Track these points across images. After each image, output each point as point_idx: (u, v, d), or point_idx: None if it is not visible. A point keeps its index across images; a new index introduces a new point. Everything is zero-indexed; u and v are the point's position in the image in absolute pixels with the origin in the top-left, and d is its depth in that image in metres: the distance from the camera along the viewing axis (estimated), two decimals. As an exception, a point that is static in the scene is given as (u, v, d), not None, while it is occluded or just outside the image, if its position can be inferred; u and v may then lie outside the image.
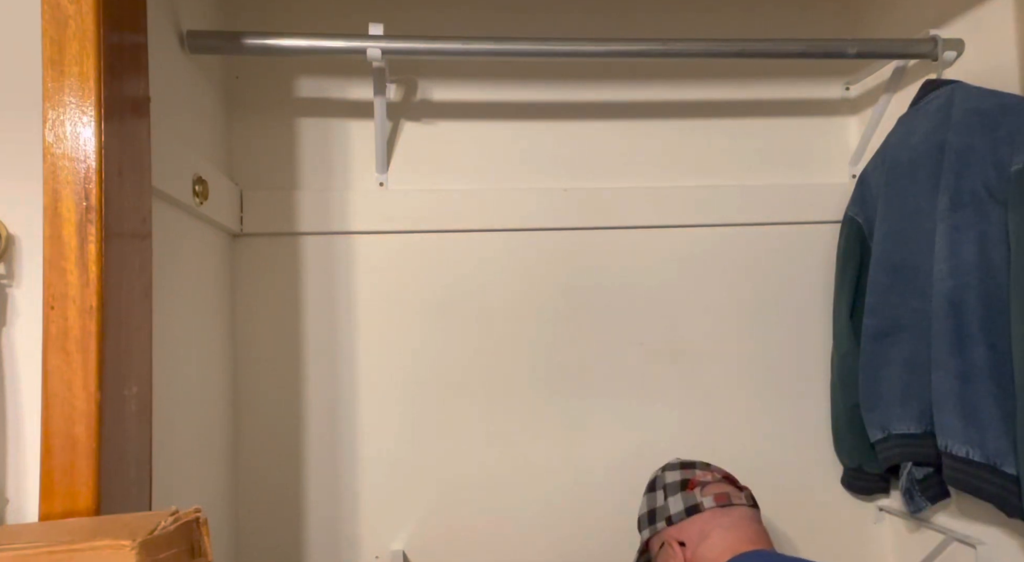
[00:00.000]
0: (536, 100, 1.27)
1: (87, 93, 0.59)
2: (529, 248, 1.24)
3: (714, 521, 0.91)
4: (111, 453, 0.59)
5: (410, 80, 1.24)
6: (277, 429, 1.17)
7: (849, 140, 1.35)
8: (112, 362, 0.60)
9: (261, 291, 1.18)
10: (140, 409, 0.66)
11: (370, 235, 1.21)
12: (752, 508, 0.95)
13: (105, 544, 0.46)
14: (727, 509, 0.92)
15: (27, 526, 0.56)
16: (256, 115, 1.20)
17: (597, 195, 1.25)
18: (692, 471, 0.98)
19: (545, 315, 1.24)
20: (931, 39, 1.09)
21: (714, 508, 0.92)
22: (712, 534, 0.90)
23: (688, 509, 0.93)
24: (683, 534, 0.93)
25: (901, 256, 1.06)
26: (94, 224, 0.58)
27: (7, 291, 0.61)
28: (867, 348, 1.11)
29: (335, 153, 1.21)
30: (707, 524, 0.91)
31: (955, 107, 1.00)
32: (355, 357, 1.20)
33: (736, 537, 0.89)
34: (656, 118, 1.30)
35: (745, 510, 0.93)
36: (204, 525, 0.53)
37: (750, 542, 0.89)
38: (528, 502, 1.22)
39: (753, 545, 0.89)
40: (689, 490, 0.94)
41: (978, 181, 0.95)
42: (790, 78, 1.34)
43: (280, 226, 1.17)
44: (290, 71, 1.21)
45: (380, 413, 1.20)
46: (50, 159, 0.59)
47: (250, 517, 1.16)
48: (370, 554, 1.18)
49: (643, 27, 1.29)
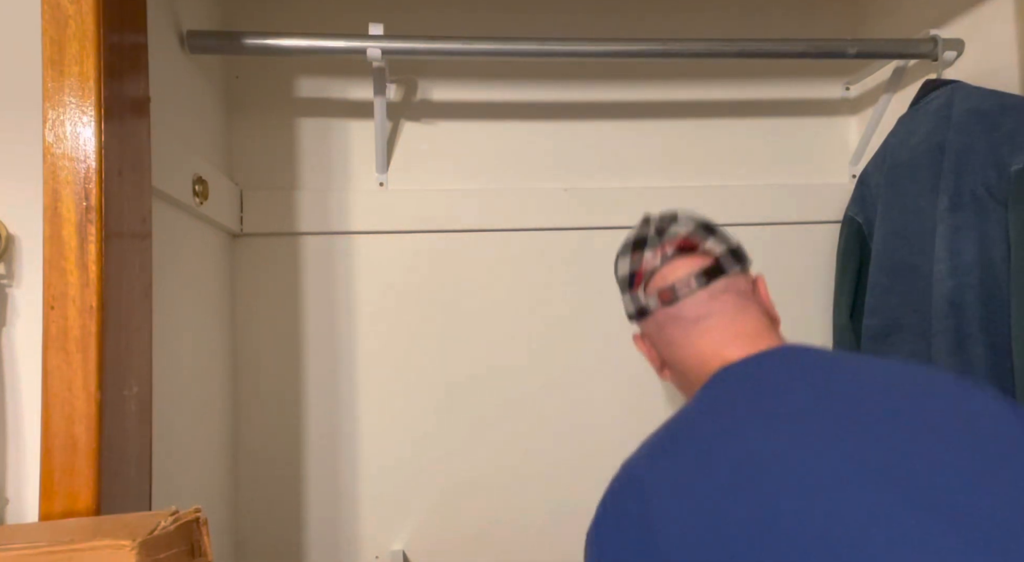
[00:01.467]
0: (536, 100, 1.27)
1: (87, 93, 0.59)
2: (529, 248, 1.24)
3: (671, 327, 0.71)
4: (111, 453, 0.59)
5: (410, 80, 1.24)
6: (277, 429, 1.17)
7: (849, 140, 1.35)
8: (112, 362, 0.60)
9: (261, 291, 1.18)
10: (140, 409, 0.66)
11: (370, 235, 1.21)
12: (723, 279, 0.69)
13: (105, 544, 0.46)
14: (680, 306, 0.69)
15: (27, 526, 0.56)
16: (256, 115, 1.20)
17: (597, 195, 1.25)
18: (640, 254, 0.73)
19: (545, 315, 1.24)
20: (931, 39, 1.09)
21: (662, 309, 0.70)
22: (675, 343, 0.71)
23: (638, 312, 0.74)
24: (647, 335, 0.76)
25: (901, 256, 1.06)
26: (94, 224, 0.58)
27: (7, 291, 0.61)
28: (867, 348, 1.11)
29: (335, 153, 1.21)
30: (664, 329, 0.71)
31: (955, 107, 1.00)
32: (355, 357, 1.20)
33: (708, 345, 0.68)
34: (656, 118, 1.30)
35: (706, 296, 0.68)
36: (204, 525, 0.53)
37: (732, 344, 0.67)
38: (529, 502, 1.22)
39: (737, 346, 0.67)
40: (634, 289, 0.73)
41: (978, 181, 0.95)
42: (790, 78, 1.34)
43: (280, 226, 1.17)
44: (290, 71, 1.21)
45: (380, 413, 1.20)
46: (50, 159, 0.59)
47: (250, 517, 1.16)
48: (370, 554, 1.18)
49: (643, 27, 1.29)
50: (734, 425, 0.57)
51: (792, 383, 0.59)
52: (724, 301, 0.69)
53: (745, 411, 0.58)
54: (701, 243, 0.72)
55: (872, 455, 0.50)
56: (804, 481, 0.49)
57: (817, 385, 0.58)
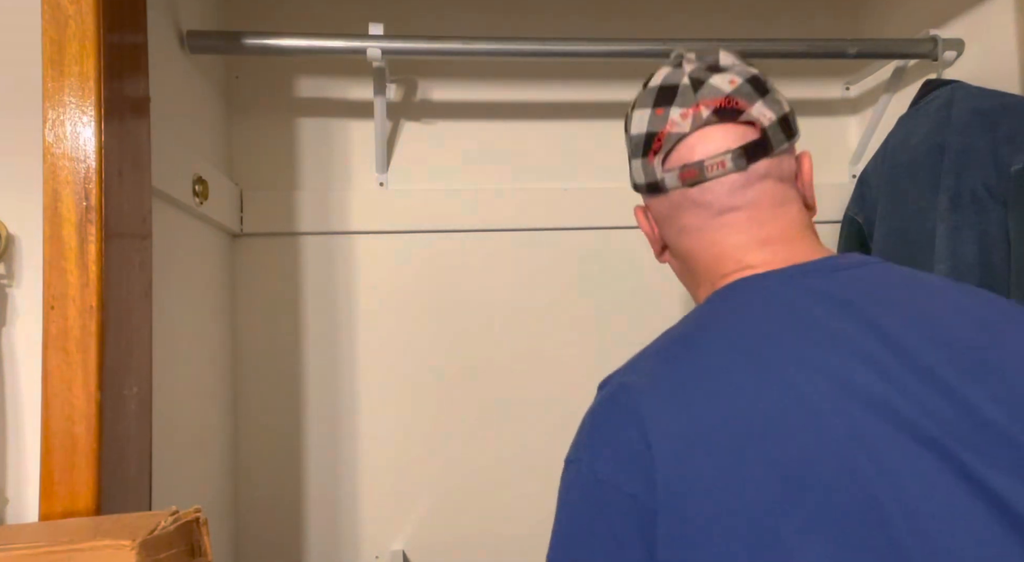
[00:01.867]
0: (536, 100, 1.27)
1: (87, 93, 0.59)
2: (529, 248, 1.24)
3: (688, 213, 0.57)
4: (111, 453, 0.59)
5: (410, 80, 1.24)
6: (277, 429, 1.17)
7: (849, 140, 1.35)
8: (112, 362, 0.60)
9: (261, 291, 1.18)
10: (140, 409, 0.66)
11: (370, 235, 1.21)
12: (766, 161, 0.54)
13: (105, 544, 0.46)
14: (705, 189, 0.55)
15: (27, 526, 0.56)
16: (256, 115, 1.20)
17: (596, 195, 1.25)
18: (665, 111, 0.56)
19: (545, 314, 1.24)
20: (931, 39, 1.09)
21: (681, 190, 0.56)
22: (687, 232, 0.58)
23: (649, 186, 0.59)
24: (652, 211, 0.62)
25: (901, 256, 1.06)
26: (94, 224, 0.58)
27: (7, 291, 0.61)
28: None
29: (335, 153, 1.21)
30: (679, 213, 0.58)
31: (955, 107, 1.00)
32: (355, 357, 1.20)
33: (729, 245, 0.56)
34: (656, 118, 1.30)
35: (741, 181, 0.54)
36: (204, 525, 0.53)
37: (760, 248, 0.55)
38: (529, 502, 1.22)
39: (767, 252, 0.54)
40: (649, 157, 0.57)
41: (978, 181, 0.95)
42: (790, 78, 1.33)
43: (280, 226, 1.17)
44: (290, 71, 1.21)
45: (380, 413, 1.20)
46: (50, 159, 0.59)
47: (250, 517, 1.16)
48: (370, 554, 1.18)
49: (643, 27, 1.29)
50: (757, 356, 0.47)
51: (832, 312, 0.48)
52: (761, 190, 0.55)
53: (773, 343, 0.47)
54: (748, 107, 0.54)
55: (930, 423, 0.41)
56: (847, 438, 0.41)
57: (866, 318, 0.47)
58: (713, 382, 0.46)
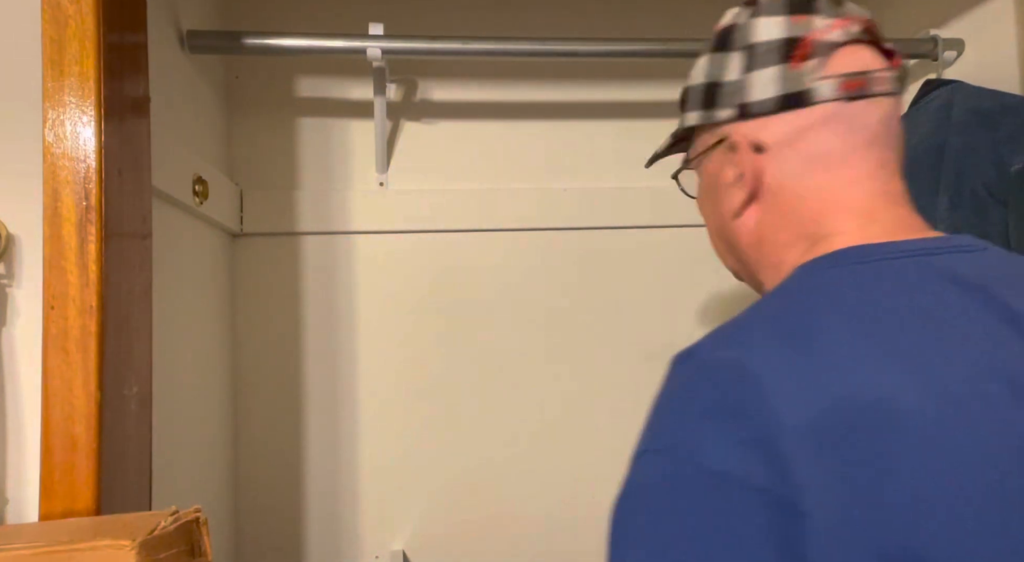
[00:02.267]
0: (536, 100, 1.27)
1: (87, 93, 0.59)
2: (529, 248, 1.24)
3: (833, 137, 0.48)
4: (111, 453, 0.59)
5: (410, 80, 1.24)
6: (277, 429, 1.17)
7: (849, 140, 1.35)
8: (112, 362, 0.60)
9: (261, 291, 1.18)
10: (140, 409, 0.66)
11: (370, 235, 1.21)
12: (898, 99, 0.50)
13: (105, 544, 0.46)
14: (863, 106, 0.48)
15: (27, 526, 0.56)
16: (256, 115, 1.20)
17: (597, 195, 1.25)
18: (807, 18, 0.49)
19: (545, 314, 1.24)
20: (931, 39, 1.09)
21: (836, 103, 0.48)
22: (820, 163, 0.49)
23: (787, 98, 0.49)
24: (765, 135, 0.50)
25: (901, 256, 1.06)
26: (94, 224, 0.58)
27: (7, 291, 0.61)
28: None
29: (335, 153, 1.21)
30: (815, 135, 0.48)
31: (955, 107, 1.00)
32: (355, 357, 1.20)
33: (851, 195, 0.48)
34: (656, 118, 1.30)
35: (891, 110, 0.49)
36: (204, 525, 0.53)
37: (880, 202, 0.48)
38: (529, 502, 1.22)
39: (881, 207, 0.48)
40: (794, 62, 0.48)
41: (978, 181, 0.95)
42: (790, 78, 1.33)
43: (280, 226, 1.17)
44: (290, 71, 1.21)
45: (380, 413, 1.20)
46: (50, 159, 0.59)
47: (250, 517, 1.16)
48: (370, 554, 1.18)
49: (643, 27, 1.29)
50: (895, 347, 0.39)
51: (971, 300, 0.41)
52: (899, 132, 0.49)
53: (912, 336, 0.39)
54: (882, 40, 0.49)
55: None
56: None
57: (1003, 305, 0.40)
58: (848, 373, 0.38)
